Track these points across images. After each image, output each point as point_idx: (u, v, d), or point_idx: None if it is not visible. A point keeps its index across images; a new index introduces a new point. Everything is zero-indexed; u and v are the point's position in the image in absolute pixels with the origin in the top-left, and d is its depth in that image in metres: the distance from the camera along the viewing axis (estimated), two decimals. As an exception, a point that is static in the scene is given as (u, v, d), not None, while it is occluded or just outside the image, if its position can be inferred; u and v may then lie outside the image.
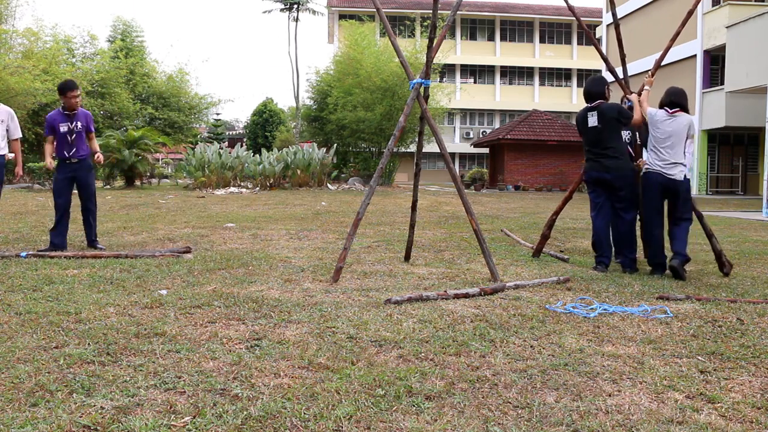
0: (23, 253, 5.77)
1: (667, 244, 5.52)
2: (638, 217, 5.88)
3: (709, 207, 16.25)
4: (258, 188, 20.08)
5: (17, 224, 8.67)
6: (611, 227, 5.76)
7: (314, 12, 45.89)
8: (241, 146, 23.44)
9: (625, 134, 6.55)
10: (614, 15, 6.29)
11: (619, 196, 5.63)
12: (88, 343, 3.09)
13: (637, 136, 6.07)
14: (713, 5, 24.55)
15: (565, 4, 6.57)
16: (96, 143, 6.76)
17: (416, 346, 3.17)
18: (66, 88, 6.39)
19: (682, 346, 3.26)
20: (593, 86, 5.86)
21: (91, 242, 6.49)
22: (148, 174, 22.53)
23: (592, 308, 4.04)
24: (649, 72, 6.03)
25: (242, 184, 21.16)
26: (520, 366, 2.90)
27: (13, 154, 6.56)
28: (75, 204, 6.53)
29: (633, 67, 22.99)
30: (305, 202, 14.44)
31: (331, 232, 8.42)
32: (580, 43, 45.02)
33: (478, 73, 45.16)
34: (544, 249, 6.54)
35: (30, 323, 3.44)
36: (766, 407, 2.47)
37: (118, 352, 2.97)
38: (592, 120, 5.71)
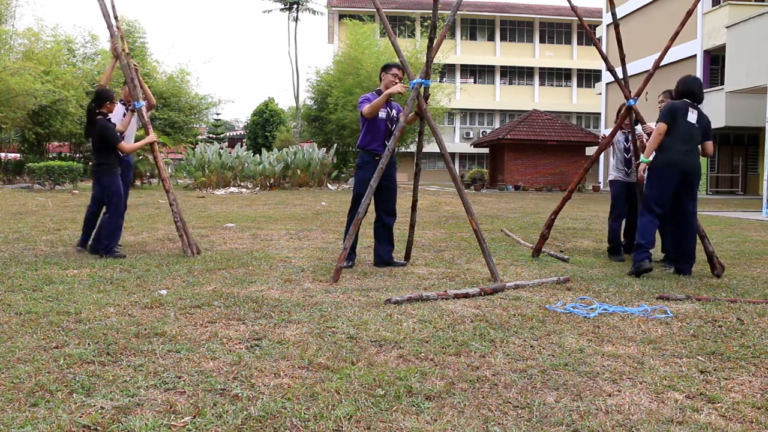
0: None
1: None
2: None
3: (709, 207, 16.25)
4: (258, 188, 20.09)
5: (17, 224, 8.67)
6: (678, 230, 5.51)
7: (314, 12, 45.94)
8: (241, 146, 23.45)
9: (622, 137, 6.61)
10: (614, 15, 6.30)
11: (693, 194, 5.51)
12: (88, 343, 3.09)
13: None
14: (713, 5, 24.55)
15: (565, 4, 6.58)
16: None
17: (416, 346, 3.17)
18: None
19: (682, 346, 3.26)
20: (701, 90, 5.66)
21: None
22: (149, 174, 22.53)
23: (592, 308, 4.04)
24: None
25: (242, 184, 21.17)
26: (520, 366, 2.89)
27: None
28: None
29: (633, 67, 23.00)
30: (305, 202, 14.44)
31: (331, 232, 8.42)
32: (580, 43, 45.02)
33: (478, 73, 45.15)
34: (543, 249, 6.54)
35: (30, 323, 3.44)
36: (766, 407, 2.47)
37: (118, 352, 2.97)
38: (692, 116, 5.48)
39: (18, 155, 27.69)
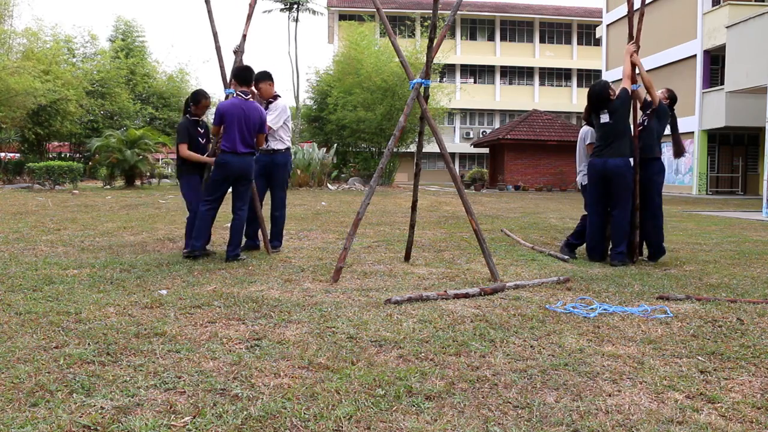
0: None
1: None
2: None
3: (709, 207, 16.26)
4: (258, 188, 20.08)
5: (17, 224, 8.67)
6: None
7: (314, 12, 45.92)
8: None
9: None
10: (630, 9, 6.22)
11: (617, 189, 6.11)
12: (88, 343, 3.09)
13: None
14: (713, 5, 24.54)
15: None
16: None
17: (416, 346, 3.17)
18: None
19: (682, 346, 3.26)
20: (595, 94, 6.19)
21: None
22: (148, 174, 22.53)
23: (592, 308, 4.04)
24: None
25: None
26: (520, 366, 2.89)
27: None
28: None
29: (633, 67, 22.99)
30: (305, 202, 14.44)
31: (331, 232, 8.42)
32: (580, 43, 45.02)
33: (478, 73, 45.16)
34: (543, 249, 6.53)
35: (30, 323, 3.44)
36: (766, 407, 2.47)
37: (118, 352, 2.97)
38: (605, 117, 6.08)
39: (18, 155, 27.68)
